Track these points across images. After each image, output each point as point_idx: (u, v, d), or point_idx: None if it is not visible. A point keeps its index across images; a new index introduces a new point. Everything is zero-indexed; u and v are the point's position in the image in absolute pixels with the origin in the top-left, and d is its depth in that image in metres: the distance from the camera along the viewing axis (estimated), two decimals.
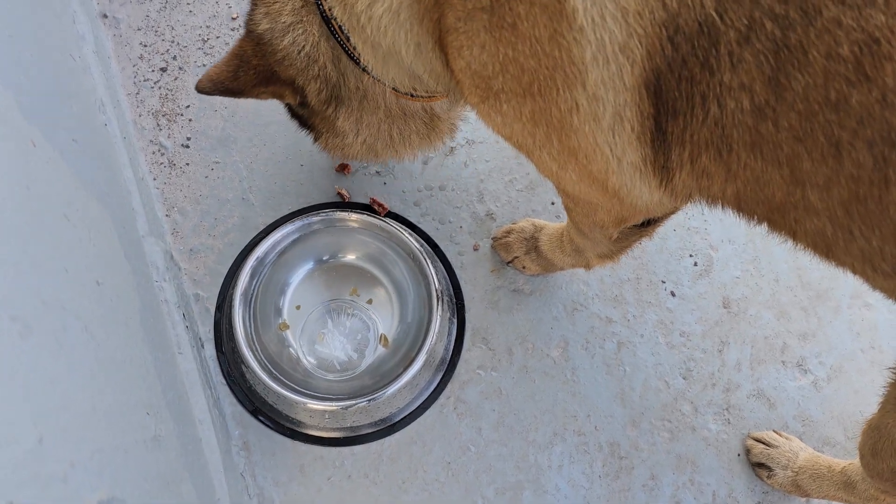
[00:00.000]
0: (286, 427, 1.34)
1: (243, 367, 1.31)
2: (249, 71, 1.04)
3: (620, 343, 1.45)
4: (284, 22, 1.00)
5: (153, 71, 1.56)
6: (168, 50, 1.58)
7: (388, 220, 1.38)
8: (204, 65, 1.57)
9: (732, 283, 1.50)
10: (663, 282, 1.50)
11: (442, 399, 1.39)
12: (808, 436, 1.41)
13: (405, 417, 1.36)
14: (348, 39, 0.95)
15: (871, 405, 1.06)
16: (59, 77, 1.19)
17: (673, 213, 1.05)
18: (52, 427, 0.70)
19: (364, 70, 0.99)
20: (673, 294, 1.49)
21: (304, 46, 1.00)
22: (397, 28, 0.87)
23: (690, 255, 1.52)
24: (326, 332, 1.36)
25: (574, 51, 0.71)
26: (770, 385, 1.44)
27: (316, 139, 1.21)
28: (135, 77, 1.56)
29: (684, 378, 1.43)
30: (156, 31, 1.59)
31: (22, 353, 0.69)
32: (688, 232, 1.54)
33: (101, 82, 1.39)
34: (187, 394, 1.21)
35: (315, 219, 1.37)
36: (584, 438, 1.39)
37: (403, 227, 1.38)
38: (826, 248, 0.78)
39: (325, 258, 1.42)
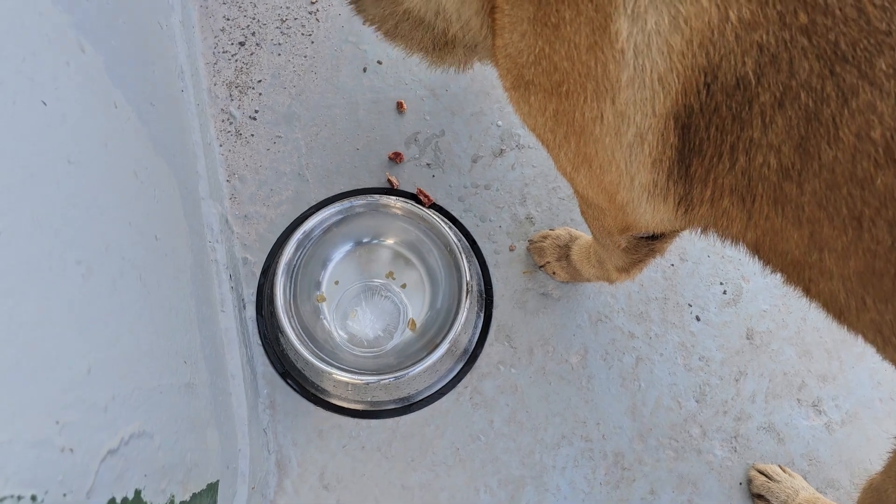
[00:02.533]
0: (311, 393, 1.42)
1: (278, 331, 1.39)
2: None
3: (639, 358, 1.49)
4: None
5: (232, 44, 1.66)
6: (248, 26, 1.67)
7: (430, 210, 1.45)
8: (279, 43, 1.66)
9: (759, 316, 1.53)
10: (690, 305, 1.53)
11: (460, 387, 1.46)
12: (812, 475, 1.44)
13: (423, 399, 1.43)
14: None
15: (881, 456, 1.08)
16: (146, 43, 1.29)
17: (679, 232, 1.09)
18: (101, 361, 0.79)
19: None
20: (698, 318, 1.52)
21: None
22: None
23: (721, 283, 1.55)
24: (360, 309, 1.44)
25: (611, 67, 0.74)
26: (782, 420, 1.47)
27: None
28: (215, 48, 1.65)
29: (697, 401, 1.47)
30: (239, 7, 1.69)
31: (82, 292, 0.79)
32: (722, 260, 1.56)
33: (183, 50, 1.49)
34: (224, 349, 1.31)
35: (361, 201, 1.44)
36: (591, 445, 1.44)
37: (444, 219, 1.45)
38: (838, 312, 0.80)
39: (366, 240, 1.50)
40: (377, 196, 1.46)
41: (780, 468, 1.41)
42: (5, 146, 0.70)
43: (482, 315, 1.49)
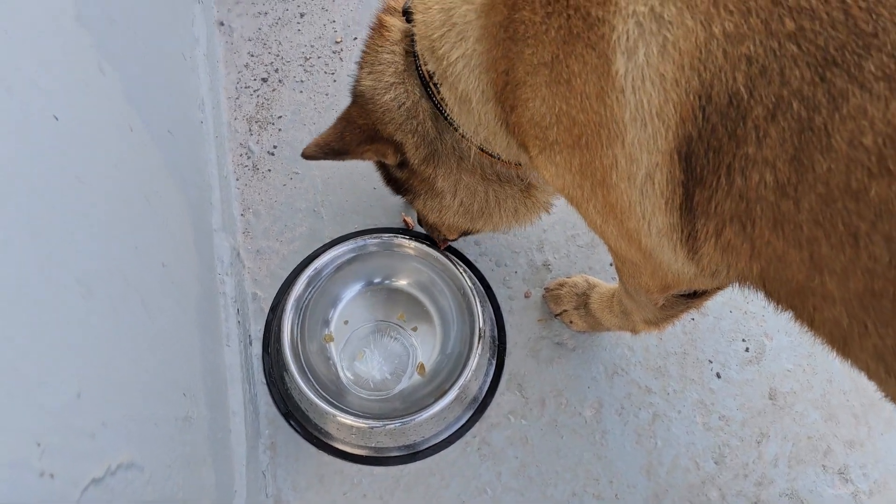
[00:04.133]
0: (314, 435, 1.37)
1: (284, 369, 1.35)
2: (354, 130, 1.09)
3: (656, 415, 1.43)
4: (387, 81, 1.06)
5: (255, 80, 1.66)
6: (272, 63, 1.68)
7: (444, 252, 1.41)
8: (301, 80, 1.67)
9: (782, 375, 1.47)
10: (710, 361, 1.47)
11: (468, 437, 1.40)
12: None
13: (429, 448, 1.38)
14: (439, 94, 1.00)
15: None
16: (168, 72, 1.29)
17: (720, 288, 1.05)
18: (93, 385, 0.75)
19: (455, 128, 1.04)
20: (718, 375, 1.46)
21: (404, 103, 1.06)
22: (469, 73, 0.92)
23: (743, 340, 1.49)
24: (368, 350, 1.40)
25: (616, 110, 0.75)
26: (806, 487, 1.39)
27: (413, 201, 1.25)
28: (237, 83, 1.66)
29: (716, 463, 1.40)
30: (264, 44, 1.70)
31: (79, 312, 0.76)
32: (744, 315, 1.51)
33: (206, 83, 1.49)
34: (227, 385, 1.27)
35: (375, 240, 1.42)
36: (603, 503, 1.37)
37: (459, 262, 1.42)
38: (842, 342, 0.77)
39: (378, 280, 1.47)
40: (391, 235, 1.43)
41: None
42: (11, 155, 0.68)
43: (494, 362, 1.44)
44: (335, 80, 1.67)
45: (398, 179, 1.21)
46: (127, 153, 1.00)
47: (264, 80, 1.66)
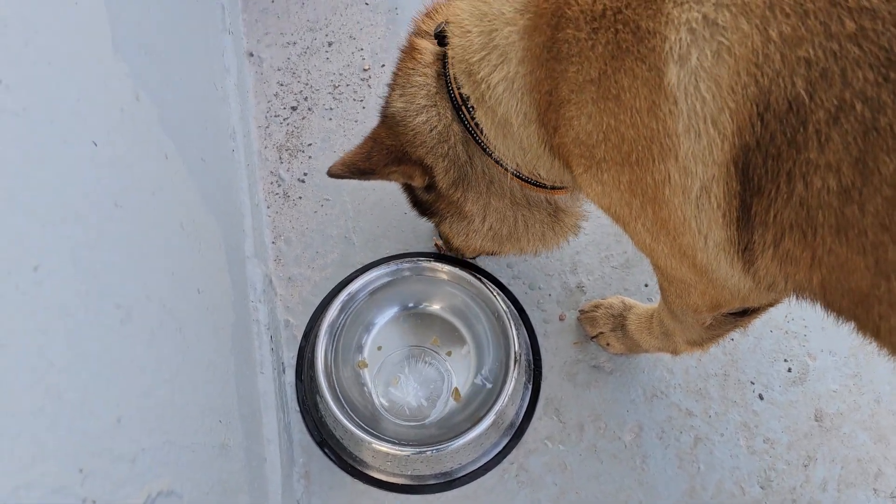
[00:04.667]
0: (348, 464, 1.36)
1: (318, 396, 1.34)
2: (382, 151, 1.09)
3: (698, 438, 1.39)
4: (419, 104, 1.06)
5: (284, 108, 1.68)
6: (301, 91, 1.69)
7: (477, 275, 1.40)
8: (331, 108, 1.67)
9: (828, 396, 1.42)
10: (752, 383, 1.44)
11: (505, 464, 1.37)
12: None
13: (466, 475, 1.35)
14: (473, 118, 0.99)
15: None
16: (200, 101, 1.30)
17: (772, 305, 1.02)
18: (132, 411, 0.74)
19: (488, 153, 1.04)
20: (761, 397, 1.42)
21: (435, 126, 1.06)
22: (510, 96, 0.91)
23: (785, 360, 1.45)
24: (402, 376, 1.39)
25: (669, 122, 0.73)
26: None
27: (439, 224, 1.25)
28: (267, 112, 1.67)
29: (762, 487, 1.35)
30: (293, 73, 1.71)
31: (118, 337, 0.75)
32: (785, 335, 1.47)
33: (236, 112, 1.51)
34: (261, 413, 1.26)
35: (408, 265, 1.41)
36: None
37: (492, 285, 1.40)
38: None
39: (412, 304, 1.46)
40: (424, 260, 1.42)
41: None
42: (52, 182, 0.69)
43: (530, 387, 1.42)
44: (364, 107, 1.67)
45: (424, 202, 1.21)
46: (162, 180, 1.00)
47: (294, 108, 1.68)
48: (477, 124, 1.00)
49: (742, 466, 1.37)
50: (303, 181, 1.61)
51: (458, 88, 0.98)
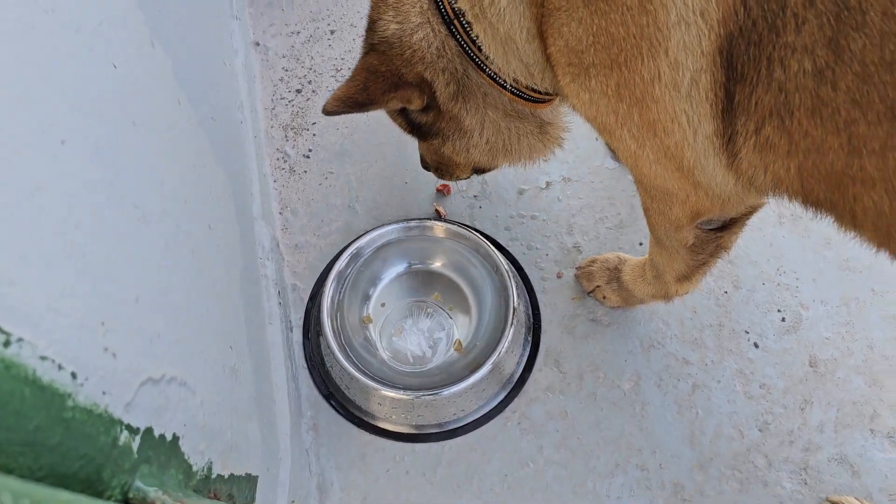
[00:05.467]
0: (355, 415, 1.39)
1: (323, 348, 1.39)
2: (378, 79, 1.09)
3: (695, 385, 1.43)
4: (414, 21, 1.07)
5: (290, 91, 1.76)
6: (305, 75, 1.77)
7: (476, 233, 1.45)
8: (333, 89, 1.75)
9: (821, 343, 1.46)
10: (746, 332, 1.47)
11: (507, 412, 1.41)
12: None
13: (469, 424, 1.38)
14: (468, 34, 1.02)
15: None
16: (210, 71, 1.38)
17: (749, 213, 1.07)
18: (150, 296, 0.79)
19: (482, 69, 1.07)
20: (756, 345, 1.46)
21: (433, 42, 1.07)
22: (513, 10, 0.94)
23: (778, 311, 1.49)
24: (406, 327, 1.43)
25: (660, 15, 0.78)
26: (855, 452, 1.36)
27: (441, 146, 1.26)
28: (273, 95, 1.75)
29: (760, 431, 1.38)
30: (297, 59, 1.80)
31: (136, 231, 0.81)
32: (777, 287, 1.52)
33: (244, 89, 1.59)
34: (269, 360, 1.30)
35: (410, 223, 1.47)
36: (647, 474, 1.36)
37: (491, 244, 1.45)
38: (886, 232, 0.79)
39: (415, 263, 1.51)
40: (426, 220, 1.48)
41: (858, 500, 1.30)
42: (74, 84, 0.75)
43: (530, 339, 1.46)
44: None
45: (423, 124, 1.21)
46: (175, 121, 1.07)
47: (298, 91, 1.76)
48: (473, 40, 1.02)
49: (739, 411, 1.40)
50: (307, 157, 1.68)
51: (452, 3, 1.01)
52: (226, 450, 0.96)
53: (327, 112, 1.14)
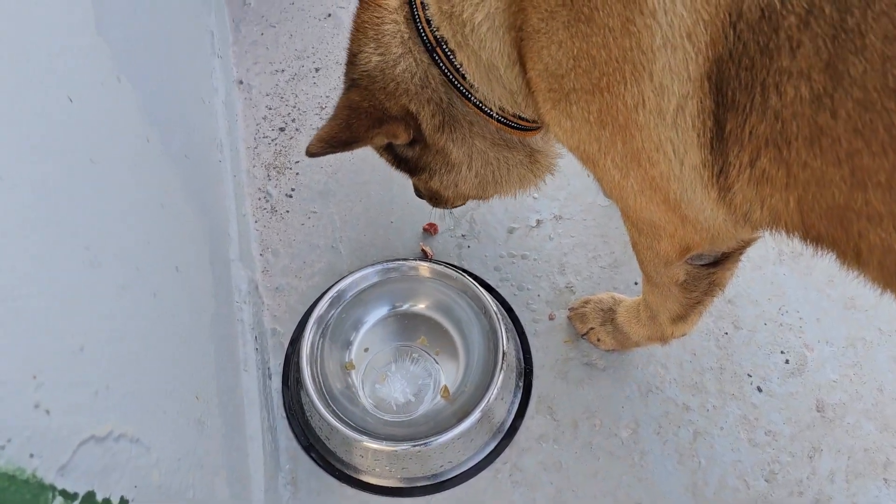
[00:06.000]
0: (336, 468, 1.31)
1: (303, 394, 1.31)
2: (361, 116, 1.05)
3: (697, 433, 1.35)
4: (395, 53, 1.03)
5: (273, 129, 1.71)
6: (289, 113, 1.73)
7: (465, 274, 1.39)
8: (318, 127, 1.70)
9: (828, 387, 1.38)
10: (749, 375, 1.40)
11: (497, 463, 1.33)
12: None
13: (458, 476, 1.30)
14: (452, 62, 0.98)
15: None
16: (187, 108, 1.34)
17: (743, 247, 1.01)
18: (97, 345, 0.73)
19: (467, 97, 1.03)
20: (759, 389, 1.39)
21: (416, 72, 1.03)
22: (493, 36, 0.90)
23: (782, 352, 1.42)
24: (390, 374, 1.36)
25: (644, 38, 0.73)
26: (869, 503, 1.28)
27: (429, 180, 1.21)
28: (256, 133, 1.71)
29: (767, 481, 1.30)
30: (281, 97, 1.76)
31: (85, 276, 0.75)
32: (780, 327, 1.45)
33: (224, 128, 1.54)
34: (244, 409, 1.23)
35: (394, 265, 1.41)
36: None
37: (480, 285, 1.39)
38: (894, 271, 0.73)
39: (399, 304, 1.44)
40: (411, 261, 1.42)
41: None
42: (28, 134, 0.69)
43: (521, 385, 1.38)
44: None
45: (409, 159, 1.17)
46: (142, 158, 1.01)
47: (282, 129, 1.71)
48: (456, 68, 0.98)
49: (744, 460, 1.32)
50: (290, 196, 1.62)
51: (436, 30, 0.96)
52: None
53: (311, 154, 1.09)
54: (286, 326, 1.47)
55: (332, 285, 1.39)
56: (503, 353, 1.30)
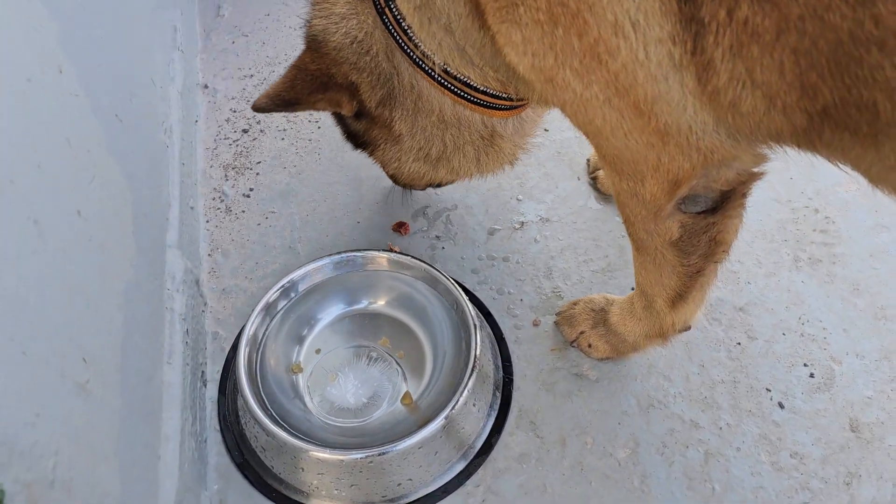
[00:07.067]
0: (274, 489, 1.09)
1: (239, 401, 1.11)
2: (306, 78, 1.00)
3: (709, 453, 1.13)
4: (338, 14, 0.98)
5: (235, 131, 1.58)
6: (254, 116, 1.60)
7: (435, 267, 1.21)
8: (284, 129, 1.57)
9: (862, 404, 1.17)
10: (768, 389, 1.19)
11: (469, 486, 1.10)
12: None
13: (420, 499, 1.07)
14: (395, 17, 0.91)
15: None
16: (127, 71, 1.20)
17: (741, 182, 0.84)
18: None
19: (409, 55, 0.94)
20: (781, 405, 1.17)
21: (356, 36, 0.97)
22: None
23: (805, 365, 1.22)
24: (341, 374, 1.15)
25: None
26: None
27: (373, 153, 1.14)
28: (217, 135, 1.57)
29: None
30: (247, 101, 1.63)
31: None
32: (801, 338, 1.25)
33: (176, 114, 1.40)
34: (161, 403, 1.02)
35: (352, 255, 1.23)
36: None
37: (452, 280, 1.20)
38: None
39: (356, 300, 1.25)
40: (371, 252, 1.24)
41: None
42: None
43: (499, 397, 1.17)
44: (319, 127, 1.57)
45: (356, 132, 1.10)
46: (53, 90, 0.87)
47: (245, 131, 1.58)
48: (399, 24, 0.91)
49: (767, 486, 1.10)
50: (248, 196, 1.46)
51: None
52: (42, 485, 0.67)
53: (256, 109, 1.02)
54: (229, 331, 1.27)
55: (285, 276, 1.21)
56: (476, 354, 1.10)
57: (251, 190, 1.47)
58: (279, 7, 1.82)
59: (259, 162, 1.52)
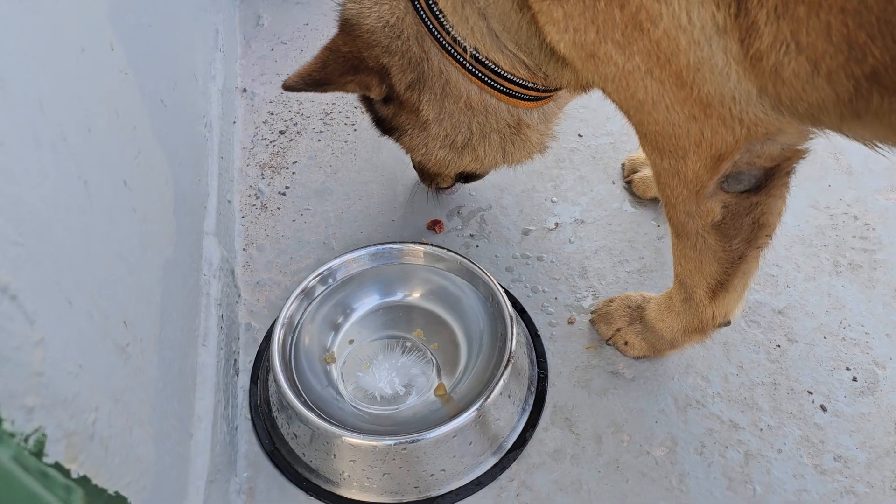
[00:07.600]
0: (304, 478, 1.07)
1: (272, 387, 1.10)
2: (338, 59, 1.02)
3: (749, 454, 1.10)
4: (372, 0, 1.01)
5: (272, 133, 1.59)
6: (291, 118, 1.62)
7: (471, 260, 1.20)
8: (320, 131, 1.59)
9: None
10: (809, 392, 1.16)
11: (502, 480, 1.08)
12: None
13: (452, 492, 1.05)
14: (431, 9, 0.93)
15: None
16: (172, 60, 1.23)
17: (785, 160, 0.83)
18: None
19: (440, 41, 0.96)
20: (823, 408, 1.14)
21: (388, 20, 0.99)
22: None
23: (847, 369, 1.19)
24: (375, 362, 1.14)
25: None
26: None
27: (400, 138, 1.15)
28: (254, 136, 1.59)
29: None
30: (285, 104, 1.65)
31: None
32: (843, 342, 1.22)
33: (216, 110, 1.42)
34: (196, 381, 1.01)
35: (390, 247, 1.23)
36: None
37: (487, 272, 1.19)
38: None
39: (394, 294, 1.25)
40: (408, 244, 1.24)
41: None
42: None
43: (534, 392, 1.16)
44: (355, 130, 1.58)
45: (385, 117, 1.11)
46: (106, 67, 0.89)
47: (282, 132, 1.59)
48: (430, 8, 0.93)
49: (811, 489, 1.06)
50: (283, 194, 1.47)
51: None
52: (83, 437, 0.67)
53: (287, 87, 1.04)
54: (262, 323, 1.27)
55: (323, 265, 1.21)
56: (512, 347, 1.08)
57: (287, 188, 1.48)
58: (318, 17, 1.86)
59: (295, 162, 1.53)
